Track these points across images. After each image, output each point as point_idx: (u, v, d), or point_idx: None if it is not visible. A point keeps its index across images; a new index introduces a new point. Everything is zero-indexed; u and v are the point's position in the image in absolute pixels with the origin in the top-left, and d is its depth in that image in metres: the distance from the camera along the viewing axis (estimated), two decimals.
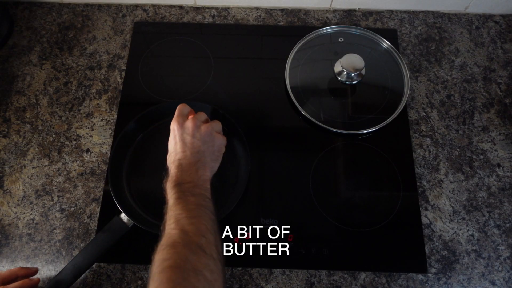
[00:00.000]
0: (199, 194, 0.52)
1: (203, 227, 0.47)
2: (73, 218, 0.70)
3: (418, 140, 0.77)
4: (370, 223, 0.69)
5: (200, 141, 0.57)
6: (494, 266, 0.67)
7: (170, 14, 0.90)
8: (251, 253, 0.67)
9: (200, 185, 0.53)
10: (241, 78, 0.83)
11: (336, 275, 0.66)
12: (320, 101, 0.80)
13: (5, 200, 0.72)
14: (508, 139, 0.77)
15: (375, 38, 0.84)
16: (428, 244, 0.68)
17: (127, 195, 0.70)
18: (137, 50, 0.85)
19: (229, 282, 0.66)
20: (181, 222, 0.47)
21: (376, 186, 0.72)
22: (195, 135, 0.57)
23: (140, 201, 0.70)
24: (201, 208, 0.50)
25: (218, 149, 0.59)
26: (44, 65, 0.84)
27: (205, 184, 0.54)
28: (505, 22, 0.88)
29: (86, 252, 0.62)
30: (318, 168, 0.73)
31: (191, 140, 0.56)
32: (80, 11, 0.90)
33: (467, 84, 0.82)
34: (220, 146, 0.60)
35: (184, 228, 0.46)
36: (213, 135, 0.59)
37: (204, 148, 0.57)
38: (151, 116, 0.75)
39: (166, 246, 0.44)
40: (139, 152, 0.74)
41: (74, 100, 0.80)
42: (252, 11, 0.90)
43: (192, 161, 0.55)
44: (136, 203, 0.70)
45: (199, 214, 0.49)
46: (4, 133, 0.77)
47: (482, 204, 0.71)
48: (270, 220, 0.69)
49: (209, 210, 0.50)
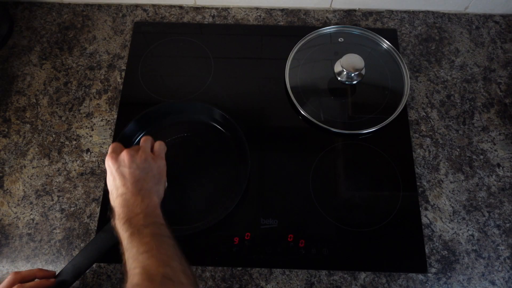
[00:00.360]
0: (152, 223, 0.50)
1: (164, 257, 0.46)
2: (73, 218, 0.70)
3: (418, 140, 0.77)
4: (370, 223, 0.69)
5: (138, 170, 0.55)
6: (494, 266, 0.67)
7: (170, 14, 0.90)
8: (251, 253, 0.67)
9: (150, 213, 0.51)
10: (241, 78, 0.83)
11: (336, 275, 0.66)
12: (320, 101, 0.80)
13: (5, 200, 0.72)
14: (508, 139, 0.77)
15: (375, 38, 0.84)
16: (428, 244, 0.68)
17: None
18: (137, 50, 0.85)
19: (229, 282, 0.66)
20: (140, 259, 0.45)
21: (376, 186, 0.72)
22: (131, 165, 0.55)
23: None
24: (157, 237, 0.48)
25: (158, 172, 0.57)
26: (44, 65, 0.84)
27: (155, 211, 0.53)
28: (505, 22, 0.88)
29: (86, 252, 0.62)
30: (318, 168, 0.73)
31: (128, 171, 0.54)
32: (80, 11, 0.90)
33: (467, 84, 0.82)
34: (160, 169, 0.58)
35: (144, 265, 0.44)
36: (149, 161, 0.57)
37: (144, 175, 0.55)
38: (151, 116, 0.75)
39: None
40: None
41: (74, 100, 0.80)
42: (252, 11, 0.90)
43: (135, 192, 0.53)
44: None
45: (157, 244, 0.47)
46: (4, 133, 0.77)
47: (482, 204, 0.71)
48: (270, 220, 0.69)
49: (166, 237, 0.49)
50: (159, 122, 0.76)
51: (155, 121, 0.76)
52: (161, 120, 0.76)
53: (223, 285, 0.65)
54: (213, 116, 0.76)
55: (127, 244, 0.48)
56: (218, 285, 0.65)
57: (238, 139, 0.73)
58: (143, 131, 0.75)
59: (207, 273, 0.66)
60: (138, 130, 0.75)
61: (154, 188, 0.55)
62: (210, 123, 0.77)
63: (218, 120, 0.76)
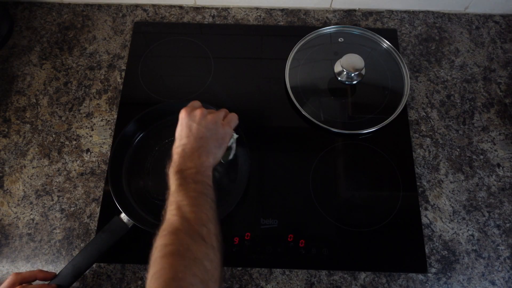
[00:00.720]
0: (201, 181, 0.52)
1: (204, 216, 0.47)
2: (73, 218, 0.70)
3: (418, 140, 0.77)
4: (370, 223, 0.69)
5: (204, 128, 0.57)
6: (494, 266, 0.67)
7: (170, 14, 0.90)
8: (251, 253, 0.67)
9: (202, 172, 0.53)
10: (241, 78, 0.83)
11: (336, 275, 0.66)
12: (320, 101, 0.80)
13: (5, 200, 0.72)
14: (508, 139, 0.77)
15: (375, 38, 0.84)
16: (428, 244, 0.68)
17: (127, 195, 0.70)
18: (137, 50, 0.85)
19: (229, 282, 0.66)
20: (182, 210, 0.47)
21: (376, 186, 0.72)
22: (200, 122, 0.58)
23: (140, 201, 0.70)
24: (202, 196, 0.50)
25: (222, 137, 0.59)
26: (44, 65, 0.84)
27: (207, 171, 0.55)
28: (505, 22, 0.88)
29: (86, 252, 0.62)
30: (318, 168, 0.73)
31: (196, 126, 0.57)
32: (80, 11, 0.90)
33: (467, 84, 0.82)
34: (224, 134, 0.60)
35: (185, 215, 0.46)
36: (218, 124, 0.59)
37: (208, 135, 0.57)
38: (151, 116, 0.75)
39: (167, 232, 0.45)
40: (139, 152, 0.74)
41: (74, 100, 0.80)
42: (252, 11, 0.90)
43: (195, 147, 0.55)
44: (136, 203, 0.70)
45: (201, 203, 0.49)
46: (4, 133, 0.77)
47: (482, 204, 0.71)
48: (270, 220, 0.69)
49: (210, 199, 0.51)
50: (159, 122, 0.76)
51: (155, 121, 0.76)
52: (161, 120, 0.76)
53: (223, 285, 0.65)
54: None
55: (174, 192, 0.50)
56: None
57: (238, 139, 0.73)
58: (143, 131, 0.75)
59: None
60: (138, 130, 0.75)
61: (213, 150, 0.57)
62: None
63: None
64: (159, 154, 0.74)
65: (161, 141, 0.75)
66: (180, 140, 0.57)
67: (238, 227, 0.69)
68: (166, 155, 0.73)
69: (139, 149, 0.74)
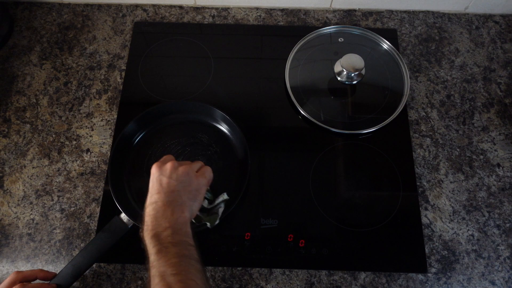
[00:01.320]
0: (180, 242, 0.49)
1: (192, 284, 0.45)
2: (73, 218, 0.70)
3: (418, 140, 0.77)
4: (370, 223, 0.69)
5: (175, 181, 0.54)
6: (494, 266, 0.67)
7: (170, 14, 0.90)
8: (251, 253, 0.67)
9: (178, 230, 0.50)
10: (241, 78, 0.83)
11: (336, 275, 0.66)
12: (320, 101, 0.80)
13: (5, 200, 0.72)
14: (508, 139, 0.77)
15: (375, 38, 0.84)
16: (428, 244, 0.68)
17: (127, 195, 0.70)
18: (137, 50, 0.85)
19: (229, 282, 0.66)
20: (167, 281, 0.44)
21: (376, 186, 0.72)
22: (171, 175, 0.55)
23: (140, 201, 0.70)
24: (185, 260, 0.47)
25: (196, 189, 0.56)
26: (44, 65, 0.84)
27: (184, 228, 0.51)
28: (505, 22, 0.88)
29: (86, 252, 0.62)
30: (318, 168, 0.73)
31: (167, 180, 0.54)
32: (80, 11, 0.90)
33: (467, 84, 0.82)
34: (199, 185, 0.57)
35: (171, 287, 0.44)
36: (191, 175, 0.57)
37: (180, 188, 0.54)
38: (151, 116, 0.75)
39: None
40: (139, 152, 0.74)
41: (74, 100, 0.80)
42: (252, 11, 0.90)
43: (167, 202, 0.52)
44: (136, 203, 0.70)
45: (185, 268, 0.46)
46: (4, 133, 0.77)
47: (482, 204, 0.71)
48: (270, 220, 0.69)
49: (194, 260, 0.48)
50: (159, 122, 0.76)
51: (155, 121, 0.76)
52: (161, 120, 0.76)
53: (223, 285, 0.65)
54: (213, 116, 0.76)
55: (154, 261, 0.47)
56: (218, 285, 0.65)
57: (238, 139, 0.73)
58: (143, 131, 0.75)
59: (207, 273, 0.66)
60: (138, 130, 0.75)
61: (187, 202, 0.54)
62: (210, 123, 0.77)
63: (218, 120, 0.76)
64: (159, 154, 0.74)
65: (161, 141, 0.75)
66: (150, 198, 0.54)
67: (238, 227, 0.69)
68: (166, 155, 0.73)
69: (139, 149, 0.74)
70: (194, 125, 0.77)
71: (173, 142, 0.75)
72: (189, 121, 0.77)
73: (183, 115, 0.77)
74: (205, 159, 0.74)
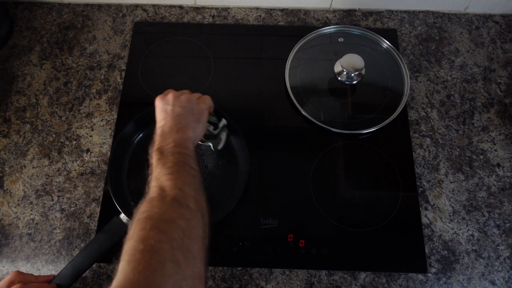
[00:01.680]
0: (179, 152, 0.54)
1: (179, 182, 0.49)
2: (73, 218, 0.70)
3: (418, 140, 0.77)
4: (370, 223, 0.69)
5: (179, 107, 0.59)
6: (494, 266, 0.67)
7: (170, 14, 0.90)
8: (251, 253, 0.67)
9: (181, 144, 0.55)
10: (241, 78, 0.83)
11: (336, 275, 0.66)
12: (320, 101, 0.80)
13: (5, 200, 0.72)
14: (508, 139, 0.77)
15: (375, 38, 0.84)
16: (428, 244, 0.68)
17: (127, 195, 0.70)
18: (137, 50, 0.85)
19: (229, 282, 0.66)
20: (160, 180, 0.49)
21: (376, 186, 0.72)
22: (175, 103, 0.60)
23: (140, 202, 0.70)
24: (180, 165, 0.52)
25: (198, 112, 0.61)
26: (44, 65, 0.84)
27: (186, 143, 0.56)
28: (505, 22, 0.88)
29: (86, 253, 0.62)
30: (318, 168, 0.73)
31: (171, 108, 0.59)
32: (80, 11, 0.90)
33: (467, 84, 0.82)
34: (200, 110, 0.62)
35: (162, 185, 0.48)
36: (192, 101, 0.61)
37: (184, 112, 0.59)
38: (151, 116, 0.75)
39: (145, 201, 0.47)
40: (139, 152, 0.74)
41: (74, 100, 0.80)
42: (252, 11, 0.90)
43: (173, 125, 0.57)
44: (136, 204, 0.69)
45: (177, 170, 0.51)
46: (4, 133, 0.77)
47: (482, 204, 0.71)
48: (270, 220, 0.69)
49: (189, 166, 0.52)
50: None
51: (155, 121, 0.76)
52: None
53: (223, 285, 0.65)
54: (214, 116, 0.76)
55: (154, 167, 0.52)
56: (218, 285, 0.65)
57: (238, 139, 0.73)
58: (143, 130, 0.75)
59: (207, 273, 0.66)
60: (137, 130, 0.75)
61: (191, 124, 0.59)
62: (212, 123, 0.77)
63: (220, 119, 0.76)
64: None
65: None
66: (159, 123, 0.59)
67: (238, 227, 0.69)
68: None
69: (139, 149, 0.74)
70: None
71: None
72: None
73: None
74: (205, 159, 0.74)
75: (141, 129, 0.75)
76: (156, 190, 0.48)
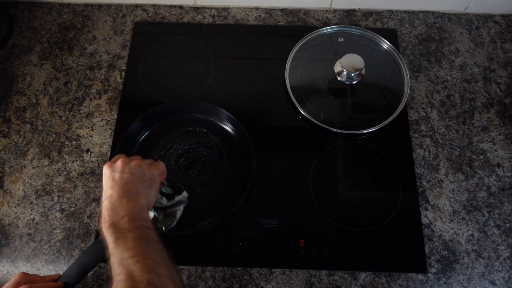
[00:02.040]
0: (137, 226, 0.49)
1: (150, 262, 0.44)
2: (73, 218, 0.70)
3: (418, 140, 0.77)
4: (370, 223, 0.69)
5: (128, 174, 0.54)
6: (494, 266, 0.67)
7: (170, 14, 0.90)
8: (251, 253, 0.67)
9: (135, 217, 0.50)
10: (241, 78, 0.83)
11: (336, 275, 0.66)
12: (320, 101, 0.80)
13: (5, 200, 0.72)
14: (508, 139, 0.77)
15: (375, 38, 0.84)
16: (428, 244, 0.68)
17: None
18: (137, 50, 0.85)
19: (229, 282, 0.66)
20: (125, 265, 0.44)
21: (376, 186, 0.72)
22: (123, 170, 0.54)
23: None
24: (143, 242, 0.47)
25: (150, 177, 0.56)
26: (44, 65, 0.84)
27: (141, 214, 0.51)
28: (505, 22, 0.88)
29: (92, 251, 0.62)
30: (318, 168, 0.73)
31: (119, 175, 0.54)
32: (80, 11, 0.90)
33: (467, 84, 0.82)
34: (153, 175, 0.56)
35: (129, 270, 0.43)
36: (143, 167, 0.56)
37: (134, 178, 0.54)
38: (153, 116, 0.75)
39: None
40: (140, 152, 0.74)
41: (74, 100, 0.80)
42: (252, 11, 0.90)
43: (122, 194, 0.52)
44: None
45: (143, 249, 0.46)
46: (4, 133, 0.77)
47: (482, 204, 0.71)
48: (270, 220, 0.69)
49: (152, 241, 0.48)
50: (161, 122, 0.76)
51: (157, 121, 0.76)
52: (166, 119, 0.76)
53: (223, 285, 0.65)
54: (218, 116, 0.76)
55: (113, 249, 0.47)
56: (218, 285, 0.65)
57: (242, 140, 0.73)
58: (148, 129, 0.76)
59: (207, 273, 0.66)
60: (143, 128, 0.75)
61: (142, 190, 0.54)
62: (216, 123, 0.77)
63: (223, 120, 0.76)
64: (159, 155, 0.74)
65: (165, 140, 0.75)
66: (105, 193, 0.53)
67: (238, 227, 0.69)
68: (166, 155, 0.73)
69: (143, 148, 0.75)
70: (199, 124, 0.77)
71: (178, 141, 0.75)
72: (193, 121, 0.77)
73: (188, 114, 0.77)
74: (210, 159, 0.74)
75: (146, 128, 0.76)
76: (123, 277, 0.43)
